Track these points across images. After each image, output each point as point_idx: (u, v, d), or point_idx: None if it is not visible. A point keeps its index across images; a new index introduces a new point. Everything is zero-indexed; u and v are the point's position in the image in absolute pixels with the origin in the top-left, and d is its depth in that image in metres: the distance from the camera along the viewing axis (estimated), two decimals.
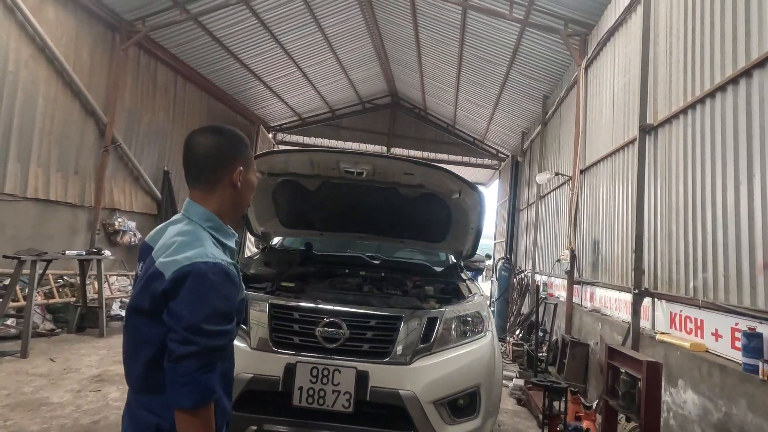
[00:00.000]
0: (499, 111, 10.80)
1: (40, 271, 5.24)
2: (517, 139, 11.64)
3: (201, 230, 1.15)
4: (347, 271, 3.61)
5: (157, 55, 8.79)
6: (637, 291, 3.91)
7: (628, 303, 4.38)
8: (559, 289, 7.31)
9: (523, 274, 9.85)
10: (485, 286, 16.54)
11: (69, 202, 7.07)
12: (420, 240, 3.73)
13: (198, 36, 8.63)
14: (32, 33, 6.27)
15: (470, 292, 3.34)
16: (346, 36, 10.08)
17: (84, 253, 5.80)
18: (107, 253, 6.14)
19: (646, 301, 3.95)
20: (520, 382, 5.10)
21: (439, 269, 3.89)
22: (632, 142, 4.47)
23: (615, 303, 4.77)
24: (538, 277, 8.72)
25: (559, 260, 6.40)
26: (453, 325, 2.66)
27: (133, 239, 8.25)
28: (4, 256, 4.96)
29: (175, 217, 1.23)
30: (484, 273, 17.34)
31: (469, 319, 2.77)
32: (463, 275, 3.79)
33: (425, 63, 10.52)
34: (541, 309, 6.75)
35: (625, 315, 4.45)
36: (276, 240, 4.12)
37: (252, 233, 3.73)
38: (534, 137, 9.95)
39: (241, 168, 1.22)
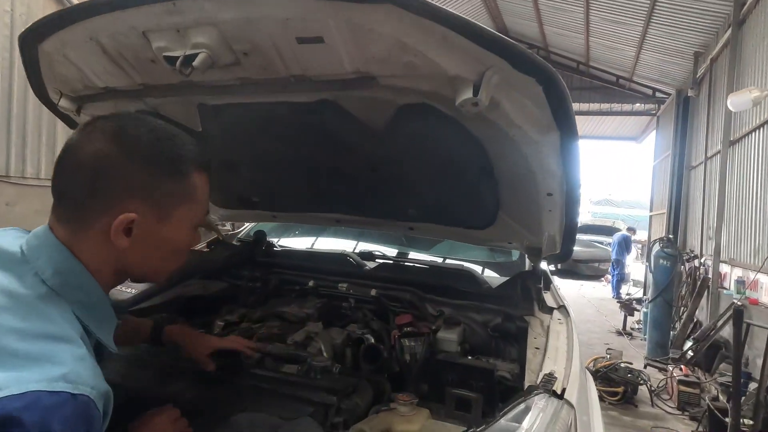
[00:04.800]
0: (654, 27, 7.44)
1: None
2: (687, 67, 8.09)
3: (47, 303, 0.57)
4: (311, 284, 1.91)
5: None
6: None
7: None
8: None
9: (697, 262, 6.74)
10: (638, 270, 10.75)
11: None
12: (440, 224, 1.75)
13: None
14: None
15: (546, 341, 1.32)
16: None
17: None
18: None
19: None
20: None
21: (498, 279, 1.89)
22: None
23: None
24: (725, 268, 5.68)
25: None
26: None
27: None
28: None
29: None
30: (637, 256, 13.18)
31: None
32: (548, 298, 1.72)
33: None
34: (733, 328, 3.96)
35: None
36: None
37: None
38: (716, 54, 6.52)
39: (136, 215, 0.63)
